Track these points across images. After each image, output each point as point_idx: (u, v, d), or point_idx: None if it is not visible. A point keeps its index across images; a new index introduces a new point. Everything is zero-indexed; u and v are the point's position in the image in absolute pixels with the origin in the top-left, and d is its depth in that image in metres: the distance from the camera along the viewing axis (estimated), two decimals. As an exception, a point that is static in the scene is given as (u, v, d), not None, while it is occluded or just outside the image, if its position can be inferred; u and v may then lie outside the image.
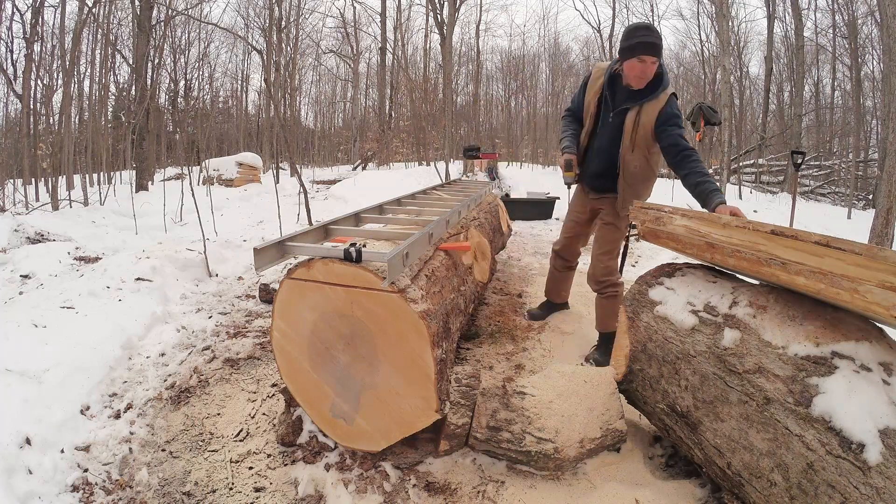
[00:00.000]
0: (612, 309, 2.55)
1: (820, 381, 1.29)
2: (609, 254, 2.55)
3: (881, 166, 8.19)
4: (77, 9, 9.51)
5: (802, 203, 11.22)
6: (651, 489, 1.73)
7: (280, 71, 15.30)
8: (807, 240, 1.30)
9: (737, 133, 17.34)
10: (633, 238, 2.53)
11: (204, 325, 3.04)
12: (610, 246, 2.54)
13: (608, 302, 2.57)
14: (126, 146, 12.15)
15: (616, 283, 2.58)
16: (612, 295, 2.57)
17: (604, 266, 2.54)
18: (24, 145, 9.28)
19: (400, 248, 1.66)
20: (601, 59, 18.64)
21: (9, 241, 4.84)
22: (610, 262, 2.54)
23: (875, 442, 1.16)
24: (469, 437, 1.82)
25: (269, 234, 5.71)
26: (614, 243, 2.53)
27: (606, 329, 2.61)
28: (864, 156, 16.11)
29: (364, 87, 23.99)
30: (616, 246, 2.55)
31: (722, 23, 10.68)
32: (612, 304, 2.55)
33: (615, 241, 2.53)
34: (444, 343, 1.78)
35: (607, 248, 2.53)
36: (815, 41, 16.73)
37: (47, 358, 2.25)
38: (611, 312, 2.56)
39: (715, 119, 9.38)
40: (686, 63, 22.23)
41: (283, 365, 1.86)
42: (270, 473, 1.85)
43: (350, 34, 21.63)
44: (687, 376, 1.63)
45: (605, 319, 2.61)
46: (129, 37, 14.61)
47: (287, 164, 14.15)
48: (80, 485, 1.74)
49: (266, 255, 1.76)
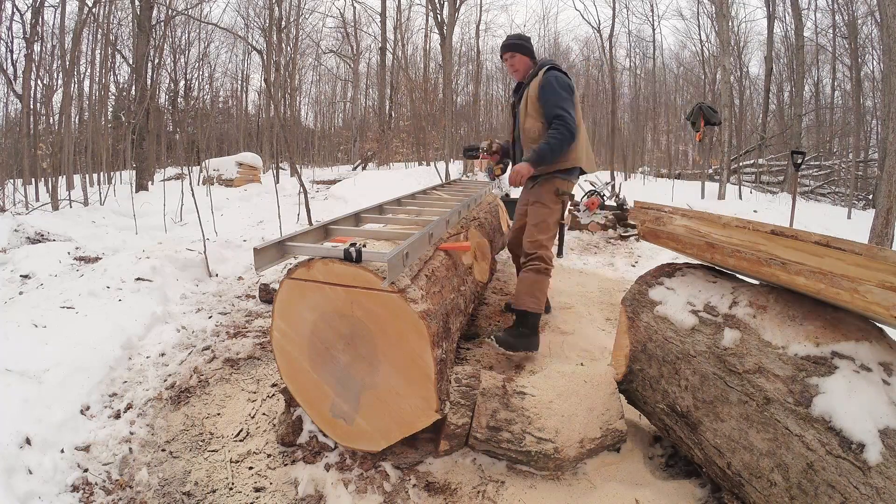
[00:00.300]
0: (529, 285, 2.54)
1: (820, 381, 1.29)
2: (536, 227, 2.61)
3: (881, 166, 8.19)
4: (77, 9, 9.52)
5: (802, 203, 11.22)
6: (651, 489, 1.73)
7: (280, 71, 15.30)
8: (807, 240, 1.30)
9: (737, 133, 17.35)
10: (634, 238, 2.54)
11: (204, 325, 3.04)
12: (536, 219, 2.61)
13: (526, 275, 2.57)
14: (126, 146, 12.16)
15: (541, 257, 2.57)
16: (532, 269, 2.57)
17: (529, 239, 2.60)
18: (24, 145, 9.28)
19: (400, 248, 1.66)
20: (601, 59, 18.66)
21: (9, 241, 4.84)
22: (538, 235, 2.59)
23: (875, 442, 1.16)
24: (469, 437, 1.82)
25: (269, 234, 5.71)
26: (540, 217, 2.60)
27: (518, 306, 2.59)
28: (864, 156, 16.11)
29: (364, 87, 24.02)
30: (543, 220, 2.60)
31: (722, 23, 10.68)
32: (530, 280, 2.54)
33: (541, 215, 2.61)
34: (444, 343, 1.78)
35: (534, 220, 2.63)
36: (815, 41, 16.74)
37: (47, 358, 2.25)
38: (526, 288, 2.55)
39: (715, 119, 9.39)
40: (686, 63, 22.25)
41: (283, 365, 1.86)
42: (270, 473, 1.85)
43: (350, 34, 21.65)
44: (687, 376, 1.63)
45: (519, 294, 2.58)
46: (129, 37, 14.62)
47: (287, 164, 14.15)
48: (80, 485, 1.74)
49: (266, 255, 1.76)
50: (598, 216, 6.62)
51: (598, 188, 7.37)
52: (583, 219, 6.58)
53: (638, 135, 19.72)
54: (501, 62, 2.84)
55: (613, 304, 3.54)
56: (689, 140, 16.79)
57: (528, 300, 2.54)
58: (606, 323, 3.23)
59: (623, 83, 21.46)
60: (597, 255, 5.34)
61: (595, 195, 7.09)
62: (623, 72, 21.19)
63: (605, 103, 18.36)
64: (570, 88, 2.53)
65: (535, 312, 2.57)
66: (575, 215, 6.67)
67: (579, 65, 22.58)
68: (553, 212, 2.62)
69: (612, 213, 6.74)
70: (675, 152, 18.34)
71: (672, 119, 19.71)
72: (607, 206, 7.01)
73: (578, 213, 6.77)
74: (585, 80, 21.40)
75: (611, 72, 15.65)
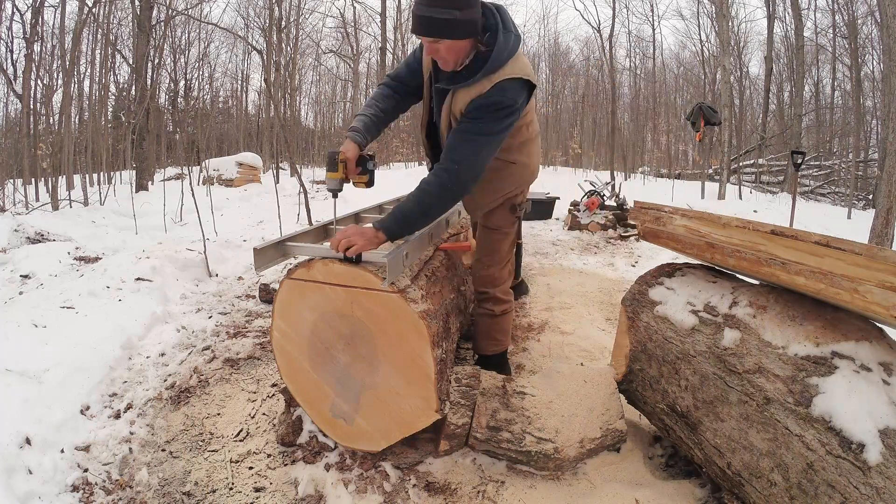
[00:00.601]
0: (486, 329, 2.09)
1: (820, 381, 1.29)
2: (490, 257, 2.04)
3: (881, 166, 8.19)
4: (77, 9, 9.52)
5: (802, 203, 11.22)
6: (651, 489, 1.73)
7: (280, 71, 15.30)
8: (807, 240, 1.30)
9: (737, 133, 17.35)
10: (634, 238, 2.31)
11: (204, 325, 3.04)
12: (487, 248, 2.03)
13: (481, 320, 2.10)
14: (126, 146, 12.16)
15: (494, 298, 2.05)
16: (486, 313, 2.08)
17: (480, 273, 2.08)
18: (24, 145, 9.28)
19: (400, 249, 1.66)
20: (601, 59, 18.67)
21: (9, 241, 4.84)
22: (490, 267, 2.04)
23: (875, 442, 1.16)
24: (469, 437, 1.82)
25: (269, 234, 5.71)
26: (492, 244, 2.01)
27: (480, 352, 2.18)
28: (864, 156, 16.12)
29: (364, 87, 23.98)
30: (496, 248, 2.02)
31: (722, 23, 10.68)
32: (486, 325, 2.08)
33: (493, 242, 2.01)
34: (444, 343, 1.78)
35: (485, 250, 2.06)
36: (815, 41, 16.75)
37: (47, 358, 2.25)
38: (484, 333, 2.10)
39: (715, 119, 9.40)
40: (686, 63, 22.26)
41: (283, 365, 1.86)
42: (270, 473, 1.85)
43: (350, 34, 21.63)
44: (687, 376, 1.63)
45: (477, 342, 2.17)
46: (129, 37, 14.62)
47: (287, 163, 14.15)
48: (80, 485, 1.74)
49: (266, 255, 1.76)
50: (598, 216, 6.62)
51: (598, 188, 7.37)
52: (583, 219, 6.58)
53: (638, 135, 19.73)
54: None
55: (613, 304, 3.54)
56: (689, 140, 16.81)
57: (489, 344, 2.16)
58: (606, 323, 3.23)
59: (623, 83, 21.47)
60: (597, 255, 5.34)
61: (595, 195, 7.09)
62: (623, 72, 21.21)
63: (605, 103, 18.35)
64: (511, 118, 1.67)
65: (498, 353, 2.21)
66: (575, 215, 6.67)
67: (579, 65, 22.61)
68: (508, 236, 2.04)
69: (612, 213, 6.74)
70: (675, 152, 18.36)
71: (672, 119, 19.72)
72: (607, 206, 7.01)
73: (578, 213, 6.77)
74: (585, 80, 21.41)
75: (611, 72, 15.64)
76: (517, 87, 1.63)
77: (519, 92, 1.65)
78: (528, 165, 1.98)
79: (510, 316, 2.16)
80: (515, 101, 1.64)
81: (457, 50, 1.60)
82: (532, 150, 1.99)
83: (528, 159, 1.96)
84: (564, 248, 5.57)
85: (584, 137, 18.96)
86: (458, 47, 1.59)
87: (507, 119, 1.66)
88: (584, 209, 6.84)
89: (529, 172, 2.03)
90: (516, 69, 1.63)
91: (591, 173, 12.72)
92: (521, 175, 1.98)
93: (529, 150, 1.96)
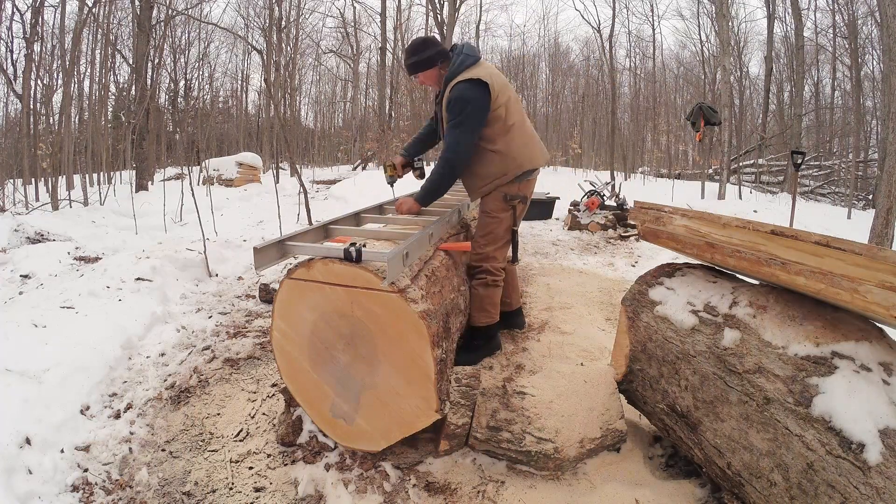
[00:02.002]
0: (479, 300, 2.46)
1: (820, 381, 1.29)
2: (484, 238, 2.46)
3: (881, 166, 8.19)
4: (77, 9, 9.52)
5: (802, 203, 11.22)
6: (651, 489, 1.73)
7: (280, 71, 15.30)
8: (807, 240, 1.30)
9: (737, 133, 17.36)
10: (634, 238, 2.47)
11: (204, 325, 3.04)
12: (483, 231, 2.46)
13: (475, 291, 2.47)
14: (126, 146, 12.16)
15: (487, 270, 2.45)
16: (480, 283, 2.46)
17: (476, 251, 2.48)
18: (24, 145, 9.28)
19: (400, 248, 1.66)
20: (601, 59, 18.67)
21: (9, 241, 4.84)
22: (485, 247, 2.45)
23: (875, 442, 1.16)
24: (469, 437, 1.82)
25: (269, 234, 5.71)
26: (486, 228, 2.45)
27: (472, 323, 2.50)
28: (864, 156, 16.12)
29: (364, 87, 24.00)
30: (490, 230, 2.43)
31: (722, 23, 10.68)
32: (479, 295, 2.45)
33: (488, 226, 2.44)
34: (444, 343, 1.78)
35: (481, 232, 2.48)
36: (815, 41, 16.75)
37: (47, 358, 2.25)
38: (477, 304, 2.46)
39: (715, 119, 9.39)
40: (686, 63, 22.25)
41: (283, 365, 1.86)
42: (270, 473, 1.85)
43: (350, 34, 21.63)
44: (687, 376, 1.63)
45: (471, 312, 2.49)
46: (129, 37, 14.64)
47: (287, 164, 14.15)
48: (80, 485, 1.74)
49: (266, 255, 1.76)
50: (598, 216, 6.62)
51: (598, 188, 7.37)
52: (583, 219, 6.58)
53: (638, 135, 19.72)
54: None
55: (613, 304, 3.54)
56: (689, 140, 16.78)
57: (480, 315, 2.48)
58: (606, 323, 3.23)
59: (623, 83, 21.47)
60: (597, 255, 5.34)
61: (595, 195, 7.09)
62: (623, 72, 21.21)
63: (605, 103, 18.35)
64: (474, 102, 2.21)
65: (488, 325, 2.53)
66: (575, 215, 6.67)
67: (579, 65, 22.60)
68: (501, 221, 2.42)
69: (612, 213, 6.74)
70: (675, 152, 18.32)
71: (672, 119, 19.71)
72: (607, 206, 7.01)
73: (578, 213, 6.77)
74: (585, 80, 21.40)
75: (611, 72, 15.64)
76: (468, 86, 2.22)
77: (471, 88, 2.21)
78: (508, 154, 2.36)
79: (500, 290, 2.55)
80: (468, 95, 2.21)
81: (429, 76, 2.39)
82: (511, 141, 2.36)
83: (506, 148, 2.35)
84: (564, 248, 5.57)
85: (584, 137, 18.95)
86: (429, 74, 2.38)
87: (467, 108, 2.21)
88: (584, 209, 6.84)
89: (512, 161, 2.37)
90: (466, 75, 2.24)
91: (591, 173, 12.73)
92: (503, 163, 2.36)
93: (508, 140, 2.35)
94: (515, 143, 2.36)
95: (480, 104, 2.21)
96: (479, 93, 2.21)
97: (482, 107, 2.22)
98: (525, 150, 2.40)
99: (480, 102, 2.21)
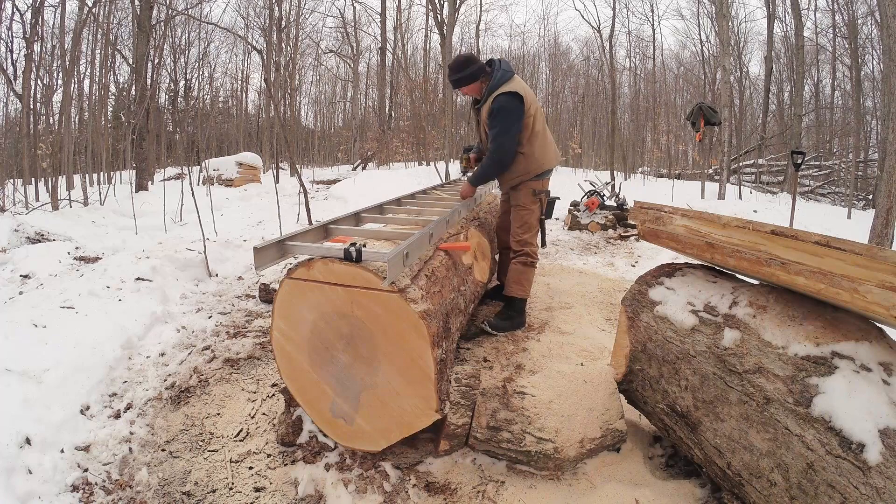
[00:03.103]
0: (517, 274, 2.95)
1: (820, 381, 1.29)
2: (521, 228, 2.95)
3: (881, 166, 8.19)
4: (77, 9, 9.52)
5: (802, 203, 11.22)
6: (651, 489, 1.73)
7: (280, 71, 15.29)
8: (807, 240, 1.30)
9: (737, 133, 17.35)
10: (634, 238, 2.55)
11: (204, 325, 3.04)
12: (519, 222, 2.94)
13: (514, 267, 2.95)
14: (126, 146, 12.16)
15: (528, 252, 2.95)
16: (520, 262, 2.95)
17: (516, 238, 2.97)
18: (24, 145, 9.27)
19: (400, 248, 1.66)
20: (601, 59, 18.66)
21: (9, 240, 4.84)
22: (523, 234, 2.95)
23: (875, 442, 1.16)
24: (469, 437, 1.82)
25: (269, 233, 5.71)
26: (522, 219, 2.94)
27: (508, 293, 2.97)
28: (864, 156, 16.11)
29: (364, 87, 24.00)
30: (525, 221, 2.92)
31: (722, 23, 10.68)
32: (518, 271, 2.93)
33: (523, 217, 2.93)
34: (444, 343, 1.78)
35: (518, 223, 2.96)
36: (815, 41, 16.74)
37: (47, 358, 2.25)
38: (515, 277, 2.95)
39: (715, 119, 9.39)
40: (686, 63, 22.24)
41: (283, 365, 1.86)
42: (270, 473, 1.85)
43: (350, 34, 21.63)
44: (687, 376, 1.63)
45: (510, 284, 2.96)
46: (129, 37, 14.62)
47: (287, 164, 14.15)
48: (80, 485, 1.74)
49: (266, 255, 1.76)
50: (598, 216, 6.62)
51: (598, 188, 7.37)
52: (583, 219, 6.58)
53: (638, 135, 19.72)
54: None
55: (613, 304, 3.53)
56: (689, 140, 16.78)
57: (517, 288, 2.92)
58: (606, 323, 3.23)
59: (623, 83, 21.47)
60: (597, 255, 5.34)
61: (595, 195, 7.09)
62: (623, 72, 21.20)
63: (605, 103, 18.34)
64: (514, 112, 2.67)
65: (521, 298, 2.97)
66: (575, 215, 6.67)
67: (579, 65, 22.58)
68: (533, 212, 2.91)
69: (612, 213, 6.74)
70: (675, 152, 18.32)
71: (672, 119, 19.71)
72: (607, 206, 7.01)
73: (578, 213, 6.77)
74: (585, 80, 21.39)
75: (611, 72, 15.63)
76: (508, 98, 2.68)
77: (510, 100, 2.67)
78: (532, 156, 2.81)
79: (534, 270, 3.02)
80: (509, 106, 2.67)
81: (472, 88, 2.85)
82: (535, 145, 2.81)
83: (531, 151, 2.80)
84: (564, 248, 5.57)
85: (584, 137, 18.94)
86: (472, 87, 2.84)
87: (508, 117, 2.67)
88: (584, 209, 6.84)
89: (535, 161, 2.82)
90: (505, 88, 2.69)
91: (591, 173, 12.73)
92: (529, 163, 2.81)
93: (532, 144, 2.80)
94: (538, 146, 2.81)
95: (518, 113, 2.69)
96: (516, 103, 2.67)
97: (519, 115, 2.70)
98: (545, 152, 2.86)
99: (518, 112, 2.69)
